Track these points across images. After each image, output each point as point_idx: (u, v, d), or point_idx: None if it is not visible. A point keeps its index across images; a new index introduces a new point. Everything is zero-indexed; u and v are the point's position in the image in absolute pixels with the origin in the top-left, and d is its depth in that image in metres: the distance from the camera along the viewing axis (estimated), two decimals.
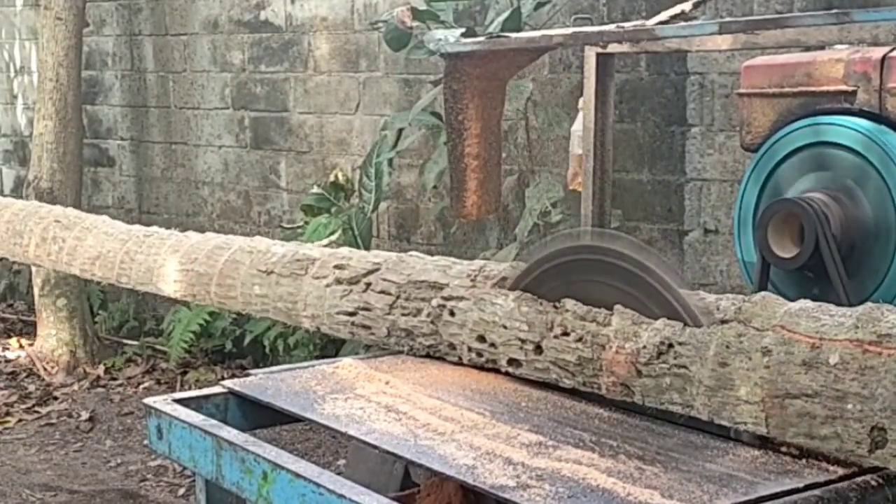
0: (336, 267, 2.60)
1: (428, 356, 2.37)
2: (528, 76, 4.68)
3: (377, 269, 2.52)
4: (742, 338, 1.84)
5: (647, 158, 4.65)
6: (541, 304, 2.15)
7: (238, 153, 6.51)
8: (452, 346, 2.30)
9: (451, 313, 2.31)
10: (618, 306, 2.02)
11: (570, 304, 2.09)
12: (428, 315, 2.35)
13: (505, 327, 2.19)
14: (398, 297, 2.42)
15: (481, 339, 2.25)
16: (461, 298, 2.30)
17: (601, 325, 2.03)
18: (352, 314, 2.52)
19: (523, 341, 2.16)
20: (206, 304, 3.06)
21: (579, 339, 2.05)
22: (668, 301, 1.96)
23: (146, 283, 3.15)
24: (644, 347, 1.95)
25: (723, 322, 1.88)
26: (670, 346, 1.92)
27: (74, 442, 5.31)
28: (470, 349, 2.27)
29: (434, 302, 2.35)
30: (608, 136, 3.30)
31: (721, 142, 4.43)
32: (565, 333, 2.08)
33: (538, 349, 2.14)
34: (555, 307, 2.12)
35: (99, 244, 3.33)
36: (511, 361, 2.19)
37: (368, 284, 2.50)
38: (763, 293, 1.92)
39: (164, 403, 2.26)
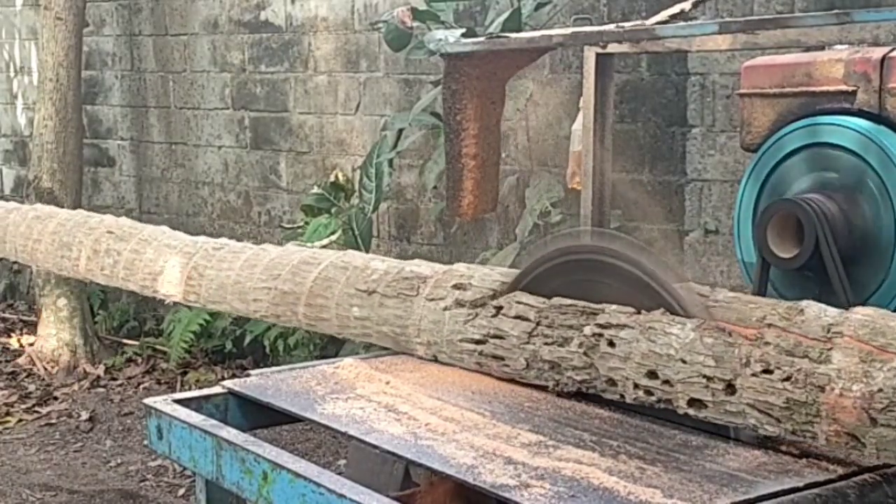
0: (455, 287, 2.31)
1: (579, 392, 2.09)
2: (528, 76, 4.68)
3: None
4: None
5: (648, 159, 4.65)
6: (729, 334, 1.84)
7: (238, 153, 6.51)
8: (612, 382, 1.99)
9: (611, 343, 1.99)
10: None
11: (770, 335, 1.79)
12: (580, 345, 2.04)
13: (684, 362, 1.87)
14: (538, 324, 2.12)
15: (652, 375, 1.92)
16: (622, 326, 1.98)
17: (817, 362, 1.73)
18: (479, 342, 2.23)
19: (709, 378, 1.84)
20: (293, 325, 2.73)
21: (787, 378, 1.74)
22: (667, 301, 1.96)
23: (219, 302, 2.86)
24: (880, 391, 1.65)
25: None
26: None
27: (74, 442, 5.31)
28: (637, 386, 1.95)
29: (587, 330, 2.03)
30: (608, 137, 3.30)
31: (722, 142, 4.43)
32: (767, 371, 1.77)
33: (730, 389, 1.82)
34: (750, 339, 1.81)
35: (161, 258, 3.03)
36: (692, 402, 1.88)
37: (499, 308, 2.21)
38: None
39: (164, 404, 2.27)
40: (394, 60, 5.54)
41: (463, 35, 3.71)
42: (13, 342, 6.90)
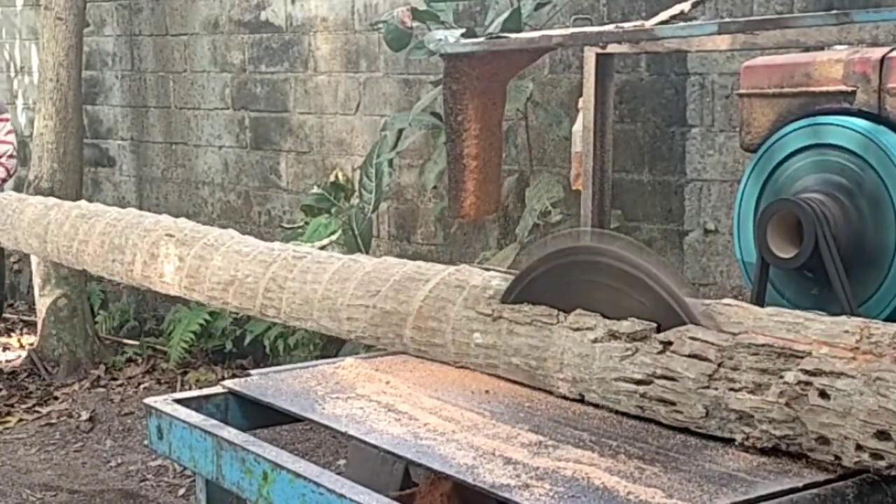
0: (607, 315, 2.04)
1: (786, 453, 1.80)
2: (528, 76, 4.68)
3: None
4: None
5: (648, 159, 4.65)
6: None
7: (238, 153, 6.52)
8: (825, 441, 1.71)
9: (823, 395, 1.71)
10: None
11: None
12: (780, 394, 1.75)
13: None
14: (720, 365, 1.84)
15: (883, 435, 1.65)
16: (838, 374, 1.70)
17: None
18: (642, 383, 1.94)
19: None
20: (397, 349, 2.44)
21: None
22: (668, 304, 1.96)
23: (303, 319, 2.58)
24: None
25: None
26: None
27: (74, 442, 5.31)
28: (860, 448, 1.67)
29: (789, 376, 1.75)
30: (608, 137, 3.30)
31: (721, 142, 4.44)
32: None
33: None
34: None
35: (231, 266, 2.74)
36: None
37: (667, 344, 1.92)
38: None
39: (165, 403, 2.27)
40: (394, 60, 5.54)
41: (463, 35, 3.72)
42: (13, 342, 6.90)
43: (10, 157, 5.79)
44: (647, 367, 1.93)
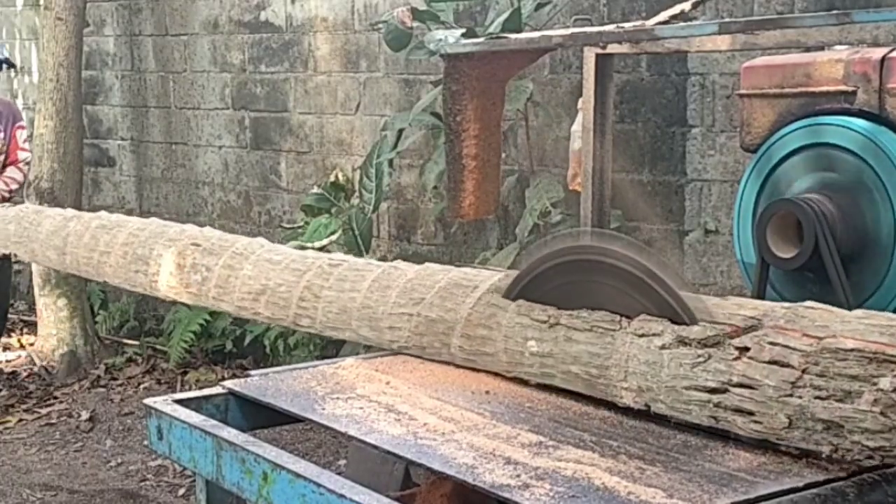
0: (675, 320, 1.94)
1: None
2: (528, 77, 4.68)
3: (755, 327, 1.83)
4: None
5: (648, 159, 4.65)
6: None
7: (238, 153, 6.52)
8: None
9: None
10: None
11: None
12: (874, 402, 1.64)
13: None
14: (804, 372, 1.73)
15: None
16: None
17: None
18: (716, 391, 1.83)
19: None
20: (443, 359, 2.34)
21: None
22: (666, 301, 1.96)
23: (340, 329, 2.51)
24: None
25: None
26: None
27: (74, 442, 5.31)
28: None
29: (884, 383, 1.64)
30: (608, 137, 3.30)
31: (722, 142, 4.44)
32: None
33: None
34: None
35: (262, 275, 2.66)
36: None
37: (743, 349, 1.81)
38: None
39: (165, 404, 2.27)
40: (394, 60, 5.54)
41: (463, 35, 3.72)
42: (13, 342, 6.90)
43: (27, 163, 5.84)
44: (722, 374, 1.82)
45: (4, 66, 6.20)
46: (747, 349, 1.80)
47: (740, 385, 1.79)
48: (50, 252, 3.44)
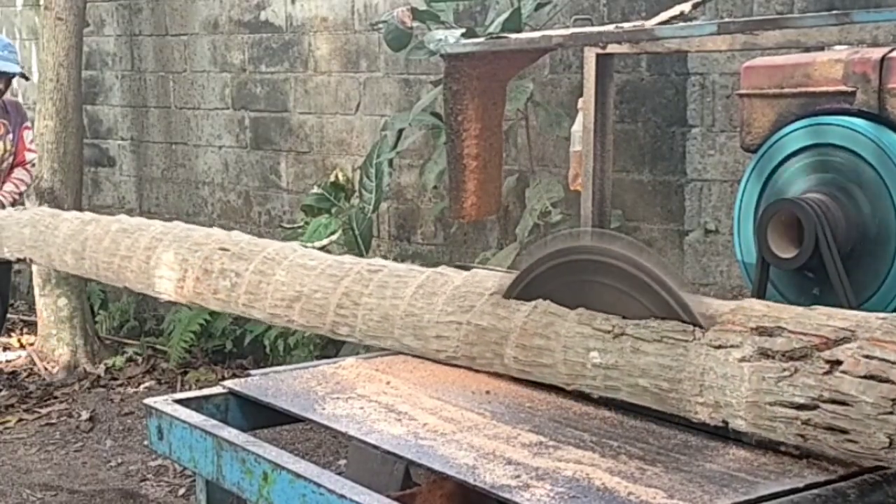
0: (757, 331, 1.80)
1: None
2: (529, 76, 4.68)
3: (847, 339, 1.70)
4: None
5: (648, 159, 4.65)
6: None
7: (238, 153, 6.52)
8: None
9: None
10: None
11: None
12: None
13: None
14: None
15: None
16: None
17: None
18: (804, 408, 1.71)
19: None
20: (495, 370, 2.23)
21: None
22: (666, 301, 1.96)
23: (382, 337, 2.41)
24: None
25: None
26: None
27: (74, 442, 5.31)
28: None
29: None
30: (608, 137, 3.30)
31: (722, 142, 4.44)
32: None
33: None
34: None
35: (296, 281, 2.55)
36: None
37: (836, 363, 1.68)
38: None
39: (165, 404, 2.27)
40: (394, 60, 5.54)
41: (463, 35, 3.72)
42: (13, 342, 6.90)
43: (33, 164, 5.83)
44: (811, 389, 1.69)
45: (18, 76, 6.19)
46: (839, 362, 1.68)
47: (832, 401, 1.67)
48: (67, 256, 3.34)
